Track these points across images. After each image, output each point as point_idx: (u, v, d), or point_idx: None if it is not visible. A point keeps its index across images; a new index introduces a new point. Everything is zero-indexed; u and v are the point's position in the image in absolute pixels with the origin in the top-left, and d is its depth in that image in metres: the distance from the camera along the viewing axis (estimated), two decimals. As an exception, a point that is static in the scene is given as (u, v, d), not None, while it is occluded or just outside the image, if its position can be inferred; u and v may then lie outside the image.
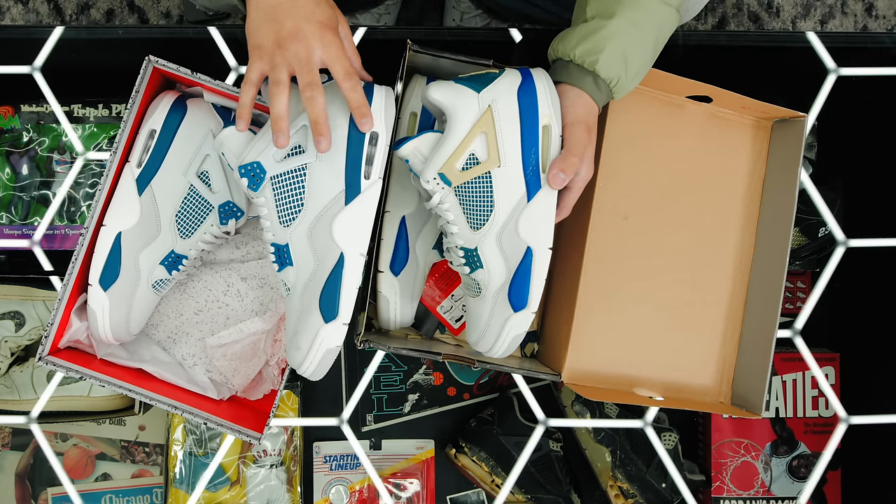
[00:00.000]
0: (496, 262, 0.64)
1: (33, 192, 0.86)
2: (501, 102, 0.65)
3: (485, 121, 0.64)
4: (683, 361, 0.78)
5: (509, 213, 0.64)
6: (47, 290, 0.84)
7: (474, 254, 0.65)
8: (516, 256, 0.64)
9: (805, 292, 1.00)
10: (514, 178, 0.64)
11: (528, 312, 0.64)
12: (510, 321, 0.64)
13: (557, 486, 0.91)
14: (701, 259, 0.78)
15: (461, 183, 0.64)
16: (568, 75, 0.67)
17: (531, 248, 0.63)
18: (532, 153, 0.64)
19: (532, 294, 0.64)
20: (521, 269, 0.63)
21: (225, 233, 0.73)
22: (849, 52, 0.79)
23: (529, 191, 0.64)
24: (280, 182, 0.63)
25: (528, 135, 0.64)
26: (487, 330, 0.65)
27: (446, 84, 0.66)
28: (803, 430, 0.95)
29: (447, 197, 0.65)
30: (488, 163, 0.64)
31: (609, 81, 0.66)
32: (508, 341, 0.65)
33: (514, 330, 0.64)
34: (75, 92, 0.85)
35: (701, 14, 1.35)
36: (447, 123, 0.65)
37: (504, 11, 1.11)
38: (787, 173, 0.76)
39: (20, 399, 0.85)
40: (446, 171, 0.64)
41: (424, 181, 0.65)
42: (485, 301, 0.65)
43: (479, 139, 0.64)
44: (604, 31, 0.65)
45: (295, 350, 0.62)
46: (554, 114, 0.65)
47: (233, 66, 0.77)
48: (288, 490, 0.89)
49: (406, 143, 0.66)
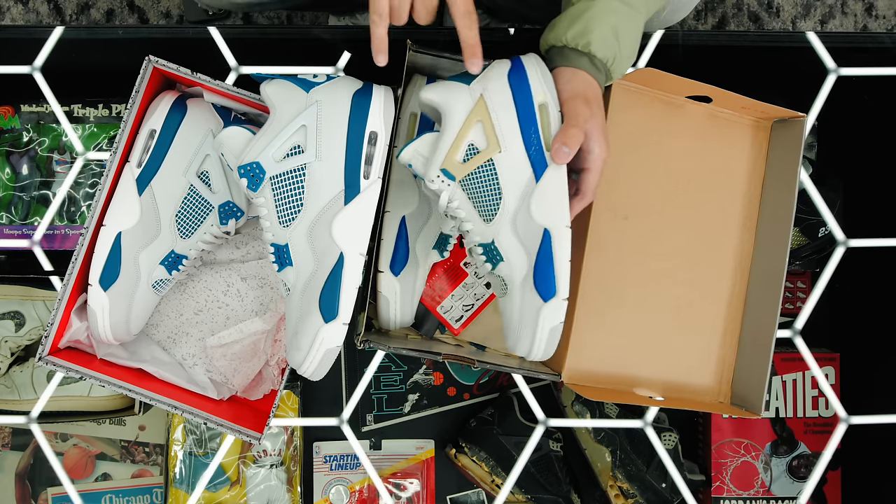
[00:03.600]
0: (515, 250, 0.62)
1: (33, 192, 0.86)
2: (492, 89, 0.64)
3: (479, 109, 0.64)
4: (683, 361, 0.78)
5: (519, 198, 0.62)
6: (47, 290, 0.84)
7: (492, 247, 0.63)
8: (535, 241, 0.61)
9: (805, 292, 1.00)
10: (518, 160, 0.63)
11: (560, 300, 0.60)
12: (542, 312, 0.61)
13: (557, 486, 0.91)
14: (701, 259, 0.78)
15: (465, 175, 0.63)
16: (563, 59, 0.66)
17: (548, 229, 0.61)
18: (532, 133, 0.63)
19: (559, 278, 0.60)
20: (542, 254, 0.61)
21: (225, 233, 0.73)
22: (849, 52, 0.79)
23: (536, 171, 0.63)
24: (279, 182, 0.63)
25: (525, 116, 0.63)
26: (521, 328, 0.62)
27: (437, 83, 0.66)
28: (803, 430, 0.95)
29: (455, 193, 0.64)
30: (489, 150, 0.63)
31: (605, 60, 0.66)
32: (546, 336, 0.61)
33: (549, 321, 0.61)
34: (75, 92, 0.85)
35: (701, 14, 1.35)
36: (442, 119, 0.65)
37: (504, 11, 1.11)
38: (787, 173, 0.76)
39: (20, 399, 0.85)
40: (448, 165, 0.63)
41: (429, 181, 0.64)
42: (513, 297, 0.63)
43: (475, 128, 0.64)
44: (591, 12, 0.65)
45: (295, 350, 0.62)
46: (549, 91, 0.64)
47: (233, 66, 0.77)
48: (288, 490, 0.89)
49: (405, 148, 0.65)
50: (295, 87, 0.65)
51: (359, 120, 0.64)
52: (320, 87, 0.65)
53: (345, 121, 0.63)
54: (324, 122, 0.63)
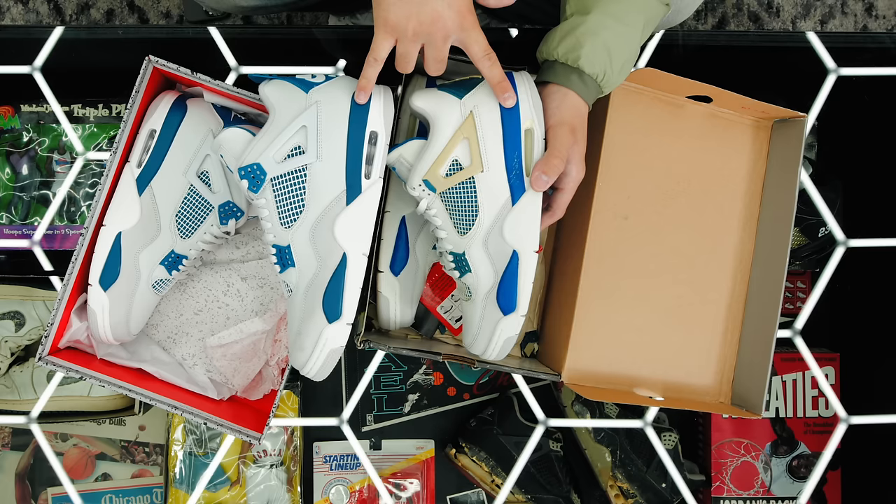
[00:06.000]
0: (483, 266, 0.65)
1: (33, 192, 0.86)
2: (483, 108, 0.65)
3: (467, 126, 0.65)
4: (683, 361, 0.78)
5: (494, 218, 0.64)
6: (47, 290, 0.84)
7: (462, 258, 0.65)
8: (503, 260, 0.64)
9: (805, 292, 1.00)
10: (497, 182, 0.64)
11: (518, 316, 0.64)
12: (500, 324, 0.65)
13: (557, 486, 0.91)
14: (701, 259, 0.78)
15: (446, 189, 0.65)
16: (554, 74, 0.67)
17: (517, 251, 0.64)
18: (515, 157, 0.64)
19: (520, 297, 0.64)
20: (508, 273, 0.64)
21: (225, 233, 0.73)
22: (849, 52, 0.79)
23: (513, 194, 0.64)
24: (281, 183, 0.63)
25: (511, 139, 0.65)
26: (479, 333, 0.66)
27: (429, 91, 0.67)
28: (803, 430, 0.95)
29: (434, 203, 0.66)
30: (471, 168, 0.64)
31: (595, 76, 0.66)
32: (500, 344, 0.66)
33: (505, 333, 0.65)
34: (75, 92, 0.85)
35: (701, 14, 1.35)
36: (430, 130, 0.66)
37: (503, 11, 1.11)
38: (787, 173, 0.76)
39: (20, 399, 0.85)
40: (430, 177, 0.65)
41: (410, 188, 0.66)
42: (475, 305, 0.66)
43: (461, 145, 0.65)
44: (583, 27, 0.65)
45: (298, 351, 0.62)
46: (536, 117, 0.65)
47: (233, 66, 0.77)
48: (288, 490, 0.89)
49: (391, 152, 0.66)
50: (294, 88, 0.65)
51: (359, 120, 0.64)
52: (319, 87, 0.65)
53: (345, 121, 0.64)
54: (324, 123, 0.63)
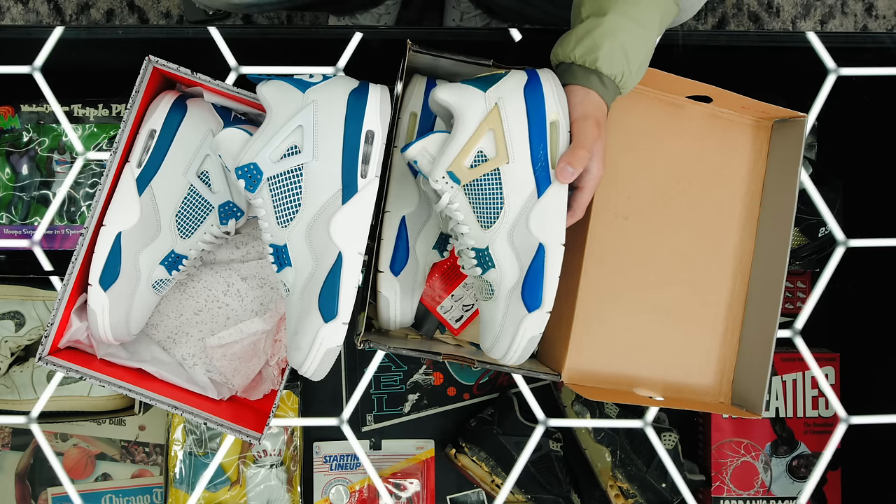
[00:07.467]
0: (508, 260, 0.64)
1: (33, 192, 0.86)
2: (508, 99, 0.65)
3: (492, 118, 0.64)
4: (683, 361, 0.78)
5: (520, 210, 0.63)
6: (47, 290, 0.84)
7: (486, 253, 0.64)
8: (528, 254, 0.63)
9: (805, 292, 1.00)
10: (523, 174, 0.64)
11: (543, 312, 0.63)
12: (525, 322, 0.63)
13: (557, 486, 0.91)
14: (701, 259, 0.78)
15: (470, 180, 0.64)
16: (573, 77, 0.67)
17: (543, 244, 0.63)
18: (541, 149, 0.64)
19: (546, 292, 0.63)
20: (534, 267, 0.63)
21: (225, 233, 0.73)
22: (849, 52, 0.79)
23: (539, 187, 0.64)
24: (277, 183, 0.63)
25: (536, 131, 0.64)
26: (501, 333, 0.64)
27: (453, 85, 0.67)
28: (803, 430, 0.95)
29: (457, 196, 0.65)
30: (497, 159, 0.64)
31: (614, 77, 0.66)
32: (524, 344, 0.64)
33: (530, 331, 0.63)
34: (75, 92, 0.85)
35: (701, 14, 1.35)
36: (454, 122, 0.66)
37: (504, 11, 1.11)
38: (787, 173, 0.76)
39: (20, 399, 0.85)
40: (455, 168, 0.64)
41: (434, 181, 0.65)
42: (498, 303, 0.64)
43: (486, 136, 0.64)
44: (599, 29, 0.65)
45: (296, 350, 0.62)
46: (561, 110, 0.65)
47: (233, 66, 0.77)
48: (288, 490, 0.89)
49: (413, 144, 0.66)
50: (291, 88, 0.65)
51: (355, 119, 0.64)
52: (316, 87, 0.65)
53: (341, 120, 0.63)
54: (320, 122, 0.63)
